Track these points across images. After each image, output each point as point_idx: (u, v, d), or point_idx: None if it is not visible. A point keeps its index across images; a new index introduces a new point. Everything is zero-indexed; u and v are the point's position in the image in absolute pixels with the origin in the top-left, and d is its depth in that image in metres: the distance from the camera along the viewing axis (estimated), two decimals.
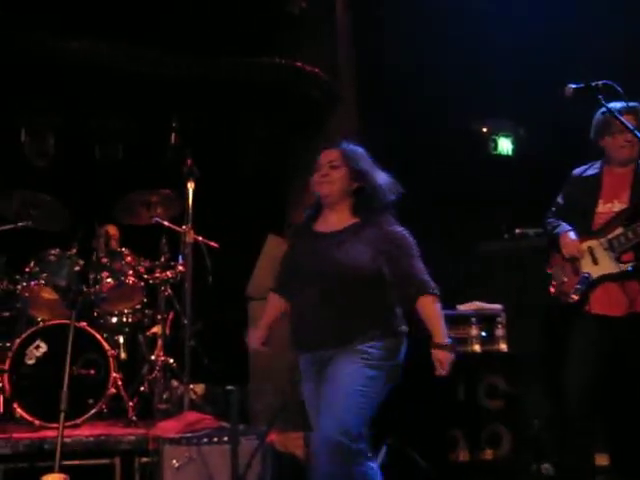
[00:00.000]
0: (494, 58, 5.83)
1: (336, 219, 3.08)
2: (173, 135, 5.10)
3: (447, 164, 5.93)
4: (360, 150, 3.14)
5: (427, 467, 4.19)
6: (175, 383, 5.07)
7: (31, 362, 4.67)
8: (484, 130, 6.32)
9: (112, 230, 5.37)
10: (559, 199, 3.86)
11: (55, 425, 4.46)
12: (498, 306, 4.86)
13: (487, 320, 4.78)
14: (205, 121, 5.50)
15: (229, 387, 3.75)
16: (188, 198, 4.66)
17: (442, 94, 5.85)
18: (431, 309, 2.95)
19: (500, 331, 4.76)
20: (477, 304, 4.89)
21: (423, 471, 4.21)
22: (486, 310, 4.85)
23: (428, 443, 4.41)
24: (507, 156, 6.28)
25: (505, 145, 6.30)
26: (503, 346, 4.75)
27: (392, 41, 5.97)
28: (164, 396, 4.90)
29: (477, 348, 4.73)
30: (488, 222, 5.68)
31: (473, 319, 4.76)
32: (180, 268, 4.99)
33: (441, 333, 2.92)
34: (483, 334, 4.74)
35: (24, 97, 5.34)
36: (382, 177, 3.08)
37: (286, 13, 5.86)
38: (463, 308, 4.89)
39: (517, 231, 5.12)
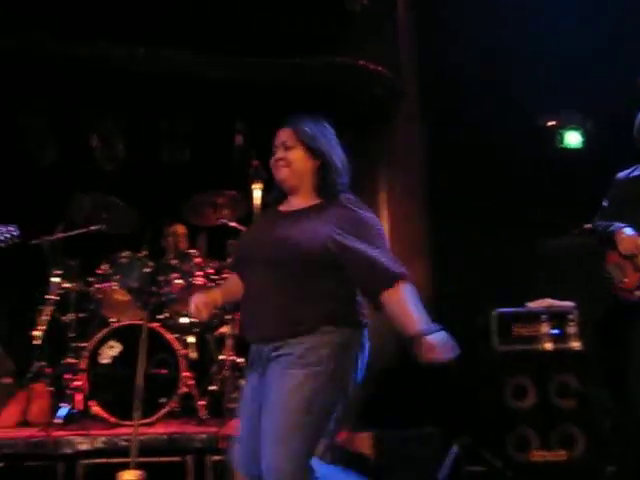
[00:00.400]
0: (559, 53, 5.71)
1: (299, 201, 2.77)
2: (238, 137, 5.14)
3: (512, 160, 5.82)
4: (317, 126, 2.82)
5: (501, 467, 4.14)
6: (243, 382, 5.12)
7: (106, 361, 4.81)
8: (551, 124, 6.18)
9: (180, 229, 5.47)
10: (605, 203, 3.79)
11: (129, 422, 4.59)
12: (570, 303, 4.76)
13: (558, 317, 4.69)
14: (269, 122, 5.52)
15: None
16: (254, 199, 4.70)
17: (506, 92, 5.75)
18: (397, 299, 2.51)
19: (572, 329, 4.65)
20: (548, 301, 4.79)
21: (496, 471, 4.16)
22: (557, 307, 4.75)
23: (500, 442, 4.36)
24: (575, 150, 6.14)
25: (573, 138, 6.15)
26: (575, 344, 4.64)
27: (455, 38, 5.89)
28: (233, 395, 4.96)
29: (548, 346, 4.63)
30: (556, 218, 5.57)
31: (543, 316, 4.67)
32: None
33: (414, 320, 2.49)
34: (555, 332, 4.64)
35: (94, 104, 5.48)
36: (340, 155, 2.79)
37: (347, 11, 5.85)
38: (533, 305, 4.80)
39: (585, 226, 5.01)
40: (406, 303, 2.51)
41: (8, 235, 3.29)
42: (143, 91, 5.53)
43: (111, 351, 4.82)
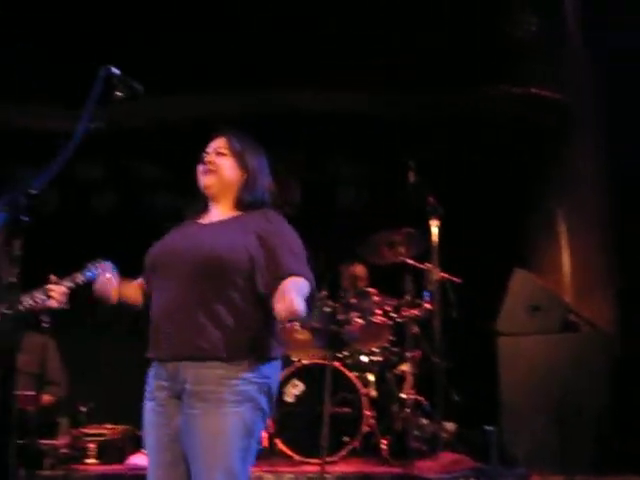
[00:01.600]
0: None
1: (219, 212, 2.65)
2: (411, 174, 5.14)
3: None
4: (250, 141, 2.71)
5: None
6: (425, 421, 5.06)
7: (290, 400, 4.92)
8: None
9: (359, 270, 5.54)
10: None
11: (314, 460, 4.65)
12: None
13: None
14: (442, 157, 5.51)
15: (487, 427, 3.64)
16: (432, 236, 4.66)
17: None
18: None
19: None
20: None
21: None
22: None
23: None
24: None
25: None
26: None
27: (633, 56, 5.60)
28: (416, 434, 4.90)
29: None
30: None
31: None
32: (426, 305, 5.00)
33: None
34: None
35: (269, 148, 5.70)
36: (266, 175, 2.68)
37: (515, 39, 5.74)
38: None
39: None
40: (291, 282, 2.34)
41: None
42: (315, 134, 5.69)
43: (295, 390, 4.92)
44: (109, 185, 6.06)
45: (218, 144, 2.69)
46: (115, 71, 2.30)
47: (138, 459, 4.64)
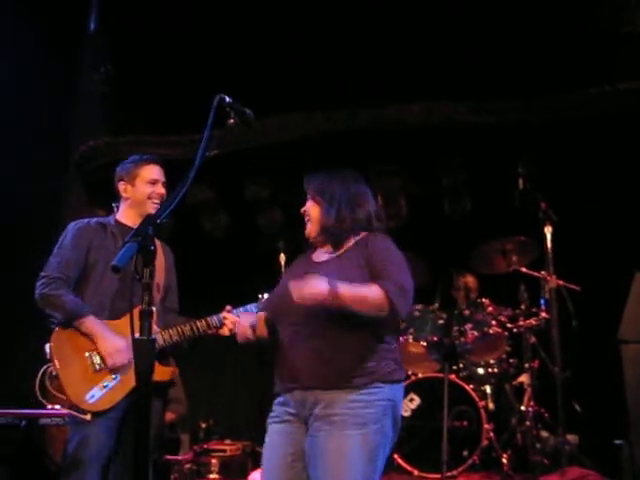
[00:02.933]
0: None
1: (324, 251, 2.79)
2: (521, 180, 5.02)
3: None
4: (329, 176, 2.78)
5: None
6: (547, 434, 4.90)
7: (406, 414, 4.88)
8: None
9: (471, 281, 5.45)
10: None
11: (433, 475, 4.60)
12: None
13: None
14: (554, 162, 5.35)
15: (617, 441, 3.48)
16: (546, 242, 4.53)
17: None
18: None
19: None
20: None
21: None
22: None
23: None
24: None
25: None
26: None
27: None
28: (538, 448, 4.75)
29: None
30: None
31: None
32: (543, 314, 4.86)
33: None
34: None
35: (375, 164, 5.73)
36: (362, 206, 2.75)
37: (625, 34, 5.52)
38: None
39: None
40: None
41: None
42: (419, 145, 5.66)
43: (411, 404, 4.89)
44: (220, 207, 6.23)
45: (308, 192, 2.81)
46: (227, 99, 2.37)
47: (259, 475, 4.71)
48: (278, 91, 5.64)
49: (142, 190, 3.32)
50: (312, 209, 2.76)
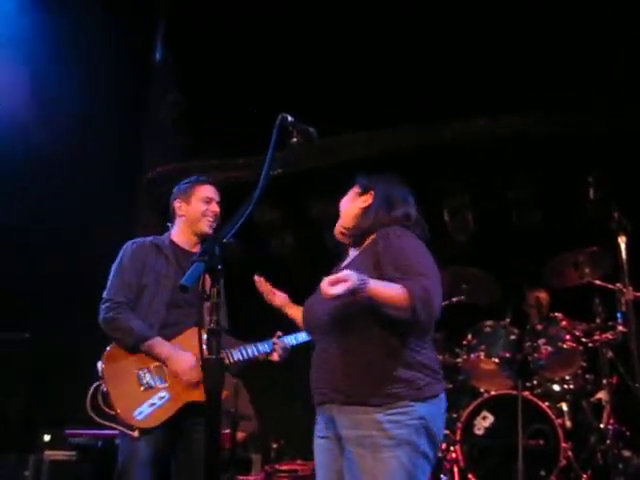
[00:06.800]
0: None
1: (351, 252, 2.73)
2: (592, 190, 4.90)
3: None
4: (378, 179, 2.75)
5: None
6: (629, 453, 4.71)
7: (480, 432, 4.78)
8: None
9: (542, 296, 5.32)
10: None
11: None
12: None
13: None
14: (626, 170, 5.20)
15: None
16: (621, 253, 4.38)
17: None
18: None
19: None
20: None
21: None
22: None
23: None
24: None
25: None
26: None
27: None
28: (620, 468, 4.56)
29: None
30: None
31: None
32: (620, 328, 4.69)
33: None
34: None
35: (443, 179, 5.70)
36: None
37: None
38: None
39: None
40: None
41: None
42: (486, 159, 5.60)
43: (484, 422, 4.78)
44: (286, 226, 6.28)
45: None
46: (290, 118, 2.38)
47: None
48: (343, 110, 5.68)
49: (197, 208, 3.38)
50: (347, 201, 2.75)
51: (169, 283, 3.25)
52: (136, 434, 3.06)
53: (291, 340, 3.33)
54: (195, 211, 3.39)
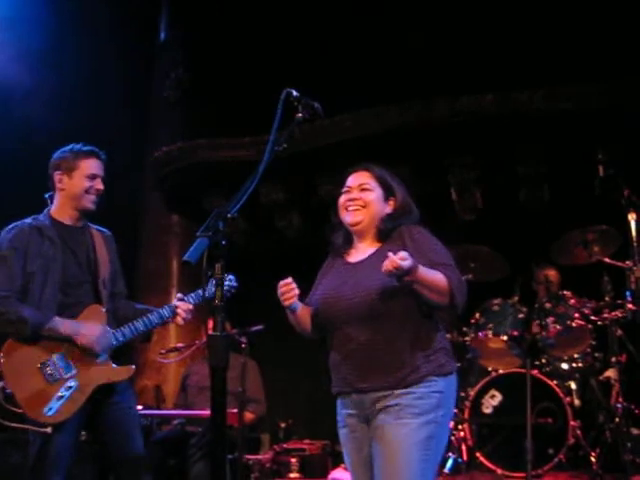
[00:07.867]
0: None
1: (364, 246, 2.77)
2: (601, 167, 4.84)
3: None
4: (386, 170, 2.81)
5: None
6: (637, 431, 4.70)
7: (488, 411, 4.79)
8: None
9: (552, 274, 5.29)
10: None
11: (518, 474, 4.48)
12: None
13: None
14: (636, 147, 5.13)
15: None
16: (631, 231, 4.34)
17: None
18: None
19: None
20: None
21: None
22: None
23: None
24: None
25: None
26: None
27: None
28: (629, 446, 4.55)
29: None
30: None
31: None
32: (629, 306, 4.65)
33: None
34: None
35: (451, 157, 5.64)
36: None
37: None
38: None
39: None
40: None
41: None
42: (494, 136, 5.54)
43: (493, 400, 4.78)
44: (294, 206, 6.24)
45: (362, 179, 2.77)
46: (295, 93, 2.35)
47: (339, 473, 4.69)
48: (351, 88, 5.63)
49: (80, 184, 3.18)
50: (369, 195, 2.73)
51: (58, 266, 3.09)
52: (49, 430, 2.97)
53: (193, 299, 3.25)
54: (77, 187, 3.19)
